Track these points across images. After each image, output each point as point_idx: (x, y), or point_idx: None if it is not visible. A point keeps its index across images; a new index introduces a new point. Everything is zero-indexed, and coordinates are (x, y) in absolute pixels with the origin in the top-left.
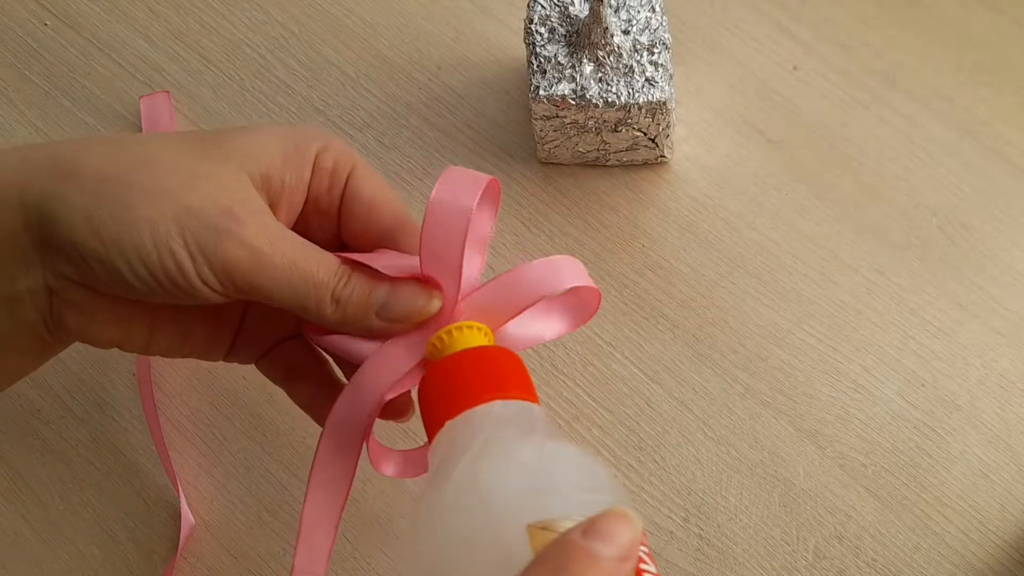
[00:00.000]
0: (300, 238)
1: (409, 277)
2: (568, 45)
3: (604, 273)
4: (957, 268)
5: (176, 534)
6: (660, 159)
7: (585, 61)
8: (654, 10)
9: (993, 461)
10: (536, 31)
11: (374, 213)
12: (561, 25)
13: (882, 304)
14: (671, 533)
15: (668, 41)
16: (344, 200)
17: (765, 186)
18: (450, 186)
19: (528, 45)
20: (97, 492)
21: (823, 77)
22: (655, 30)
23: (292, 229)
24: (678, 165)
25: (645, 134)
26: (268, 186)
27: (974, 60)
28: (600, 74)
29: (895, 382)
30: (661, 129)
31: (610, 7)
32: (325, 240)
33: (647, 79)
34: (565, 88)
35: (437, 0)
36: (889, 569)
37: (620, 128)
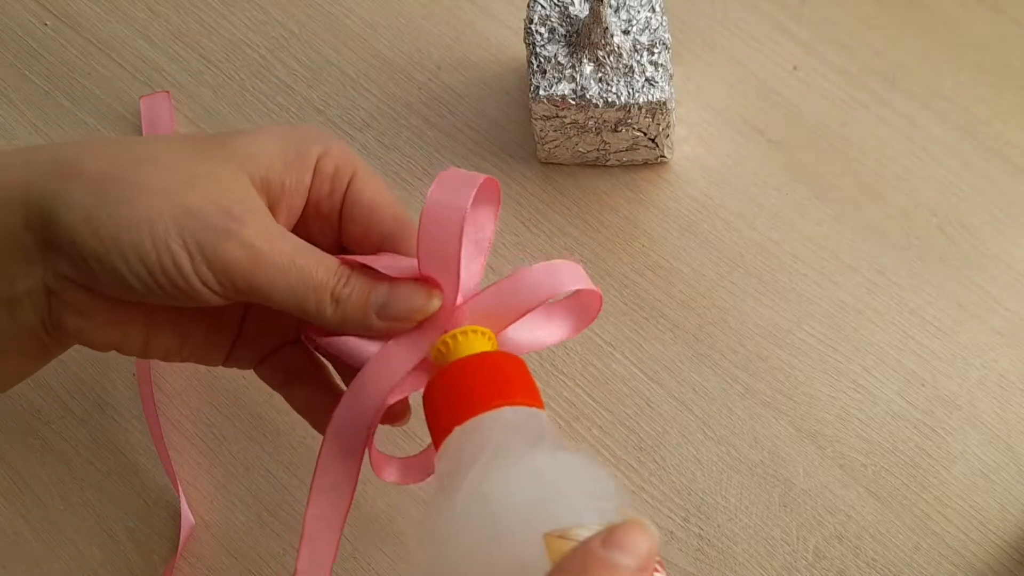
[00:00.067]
0: (299, 239)
1: (408, 277)
2: (568, 45)
3: (604, 273)
4: (957, 268)
5: (176, 534)
6: (660, 159)
7: (585, 61)
8: (654, 10)
9: (993, 461)
10: (536, 31)
11: (374, 217)
12: (561, 25)
13: (882, 304)
14: (671, 533)
15: (668, 41)
16: (345, 204)
17: (765, 186)
18: (446, 187)
19: (528, 45)
20: (97, 492)
21: (823, 77)
22: (655, 30)
23: (293, 232)
24: (678, 165)
25: (645, 134)
26: (268, 188)
27: (974, 60)
28: (600, 74)
29: (895, 382)
30: (661, 129)
31: (610, 7)
32: (325, 244)
33: (647, 79)
34: (565, 88)
35: (437, 0)
36: (889, 569)
37: (620, 128)
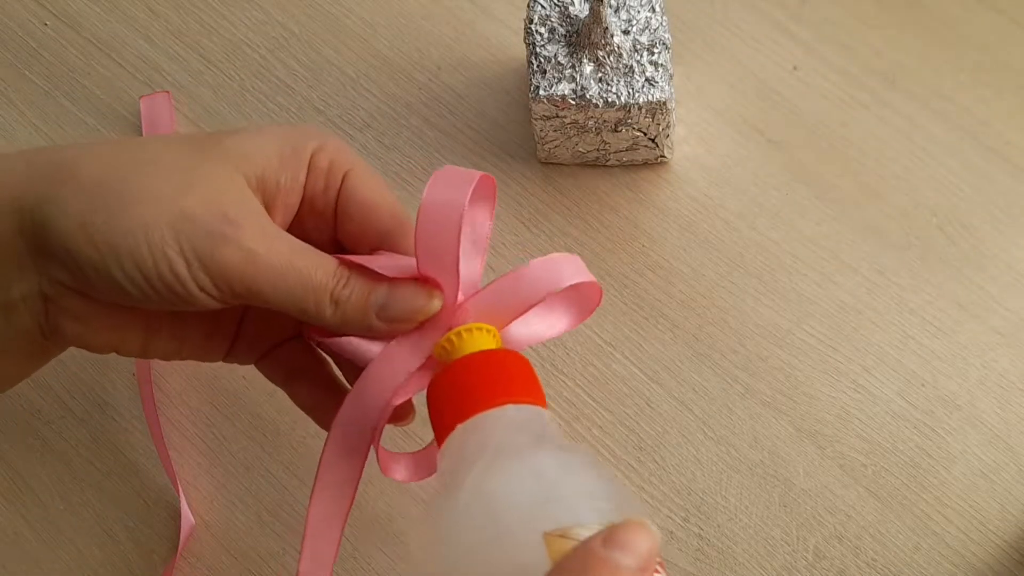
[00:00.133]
0: (297, 240)
1: (408, 278)
2: (568, 45)
3: (604, 273)
4: (957, 268)
5: (176, 534)
6: (660, 159)
7: (585, 61)
8: (654, 10)
9: (993, 461)
10: (536, 31)
11: (371, 215)
12: (561, 25)
13: (882, 304)
14: (671, 533)
15: (668, 41)
16: (340, 201)
17: (765, 186)
18: (442, 185)
19: (528, 45)
20: (97, 492)
21: (823, 77)
22: (655, 30)
23: (288, 231)
24: (678, 165)
25: (645, 134)
26: (264, 187)
27: (974, 60)
28: (600, 74)
29: (895, 382)
30: (661, 129)
31: (610, 7)
32: (322, 242)
33: (647, 79)
34: (565, 88)
35: (437, 0)
36: (889, 569)
37: (620, 128)
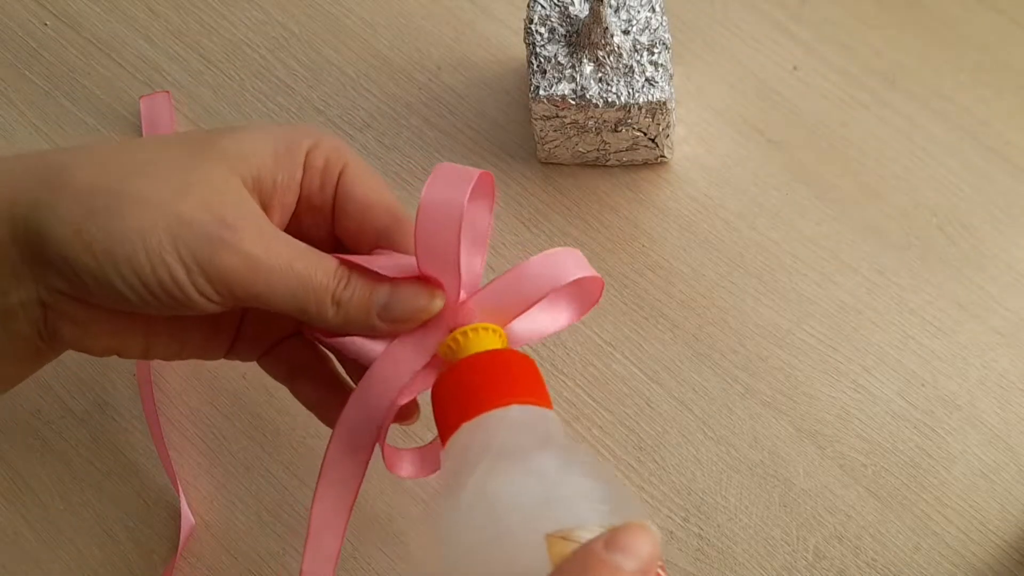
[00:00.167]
0: (296, 241)
1: (409, 277)
2: (568, 45)
3: (604, 273)
4: (957, 268)
5: (176, 534)
6: (660, 159)
7: (585, 61)
8: (654, 10)
9: (993, 461)
10: (536, 31)
11: (368, 212)
12: (561, 25)
13: (882, 304)
14: (671, 533)
15: (668, 41)
16: (337, 199)
17: (765, 186)
18: (441, 183)
19: (528, 45)
20: (97, 492)
21: (823, 77)
22: (655, 30)
23: (286, 230)
24: (678, 165)
25: (645, 134)
26: (260, 187)
27: (974, 60)
28: (600, 74)
29: (895, 382)
30: (661, 129)
31: (610, 7)
32: (320, 239)
33: (647, 79)
34: (565, 88)
35: (437, 0)
36: (889, 569)
37: (620, 128)
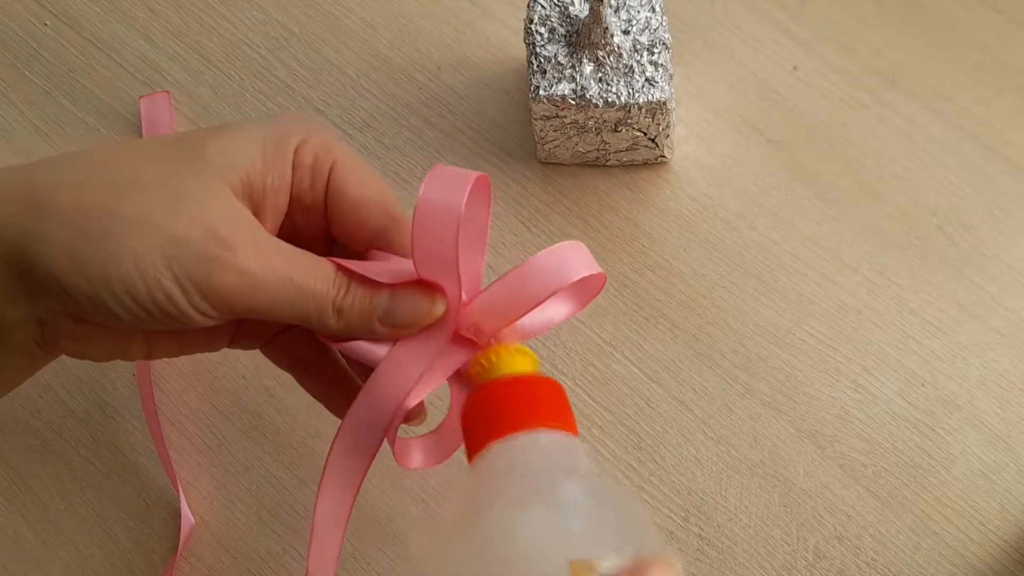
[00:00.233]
0: (292, 248)
1: (409, 282)
2: (568, 45)
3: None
4: (957, 268)
5: (176, 534)
6: (660, 159)
7: (585, 61)
8: (654, 10)
9: (993, 461)
10: (536, 31)
11: (362, 210)
12: (561, 25)
13: (882, 304)
14: (671, 533)
15: (668, 41)
16: (329, 197)
17: (765, 186)
18: (437, 186)
19: (528, 45)
20: (97, 492)
21: (823, 77)
22: (655, 30)
23: (279, 231)
24: (678, 165)
25: (645, 134)
26: (250, 192)
27: (974, 60)
28: (600, 74)
29: (895, 382)
30: (661, 129)
31: (610, 7)
32: (315, 239)
33: (647, 79)
34: (565, 88)
35: (437, 0)
36: (889, 569)
37: (620, 128)
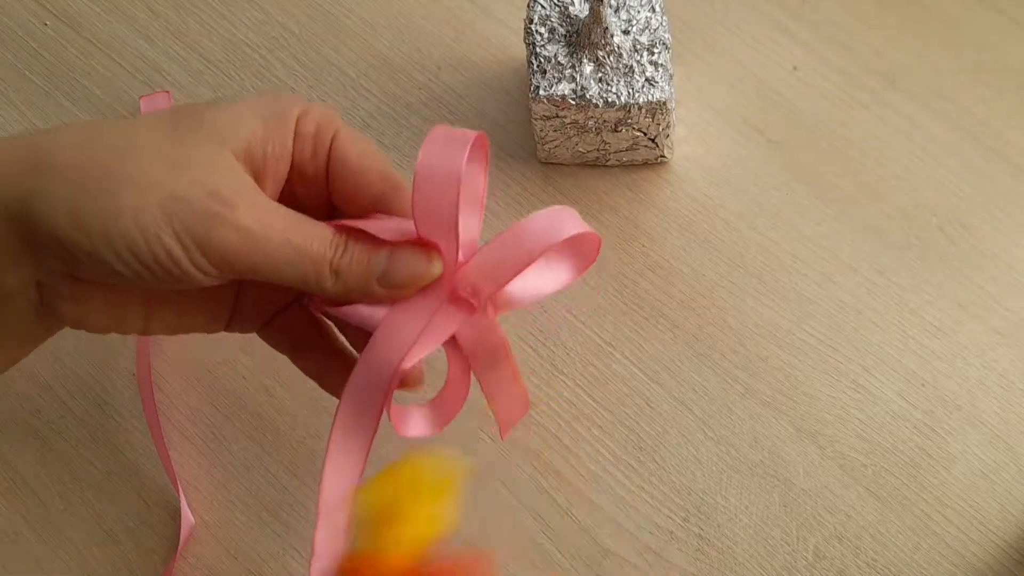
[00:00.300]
0: (292, 212)
1: (407, 241)
2: (568, 45)
3: (604, 273)
4: (957, 268)
5: (176, 534)
6: (660, 159)
7: (585, 61)
8: (654, 10)
9: (993, 461)
10: (536, 31)
11: (363, 178)
12: (561, 25)
13: (882, 304)
14: (671, 533)
15: (668, 41)
16: (330, 165)
17: (765, 186)
18: (437, 147)
19: (528, 45)
20: (97, 492)
21: (823, 77)
22: (655, 30)
23: (280, 199)
24: (678, 165)
25: (645, 134)
26: (251, 159)
27: (974, 60)
28: (600, 74)
29: (895, 382)
30: (661, 129)
31: (610, 7)
32: (315, 207)
33: (647, 79)
34: (565, 88)
35: (437, 0)
36: (889, 569)
37: (620, 128)
